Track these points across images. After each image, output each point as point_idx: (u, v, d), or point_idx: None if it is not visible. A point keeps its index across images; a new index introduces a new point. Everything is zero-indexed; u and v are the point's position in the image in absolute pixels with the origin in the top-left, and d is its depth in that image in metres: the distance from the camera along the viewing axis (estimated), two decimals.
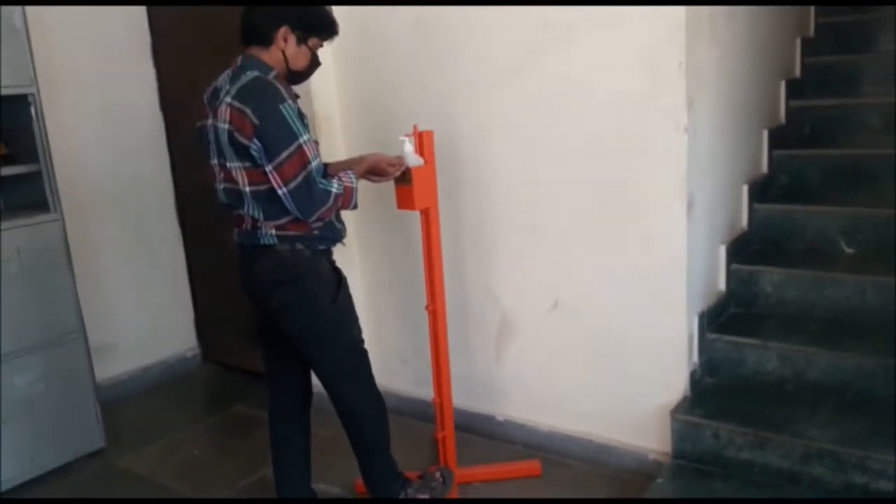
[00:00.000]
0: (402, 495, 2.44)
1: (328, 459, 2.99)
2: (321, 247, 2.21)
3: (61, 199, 2.98)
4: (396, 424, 3.22)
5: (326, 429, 3.22)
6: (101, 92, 3.56)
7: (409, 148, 2.34)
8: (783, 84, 3.36)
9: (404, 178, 2.36)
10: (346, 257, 3.19)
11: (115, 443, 3.22)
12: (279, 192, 2.03)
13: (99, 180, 3.57)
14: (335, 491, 2.77)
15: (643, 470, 2.64)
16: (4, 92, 2.81)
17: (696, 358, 2.59)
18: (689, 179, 2.39)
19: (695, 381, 2.57)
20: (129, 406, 3.61)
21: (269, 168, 2.01)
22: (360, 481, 2.75)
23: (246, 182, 2.08)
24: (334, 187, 2.09)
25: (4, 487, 2.87)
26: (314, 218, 2.10)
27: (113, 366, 3.65)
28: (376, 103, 3.02)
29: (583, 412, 2.79)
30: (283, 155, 1.99)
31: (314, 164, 2.03)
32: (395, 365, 3.30)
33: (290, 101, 2.03)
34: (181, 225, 3.94)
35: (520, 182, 2.73)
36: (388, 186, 2.44)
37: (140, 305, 3.79)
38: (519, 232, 2.78)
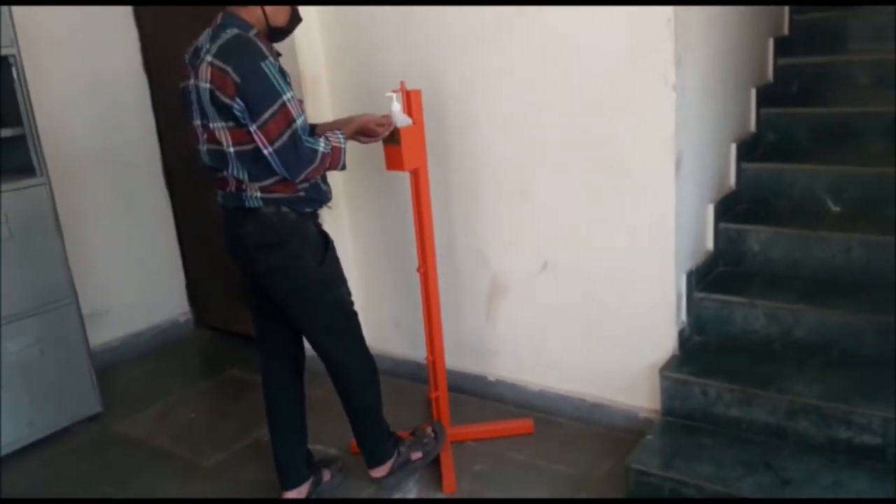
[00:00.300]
0: (394, 454, 2.48)
1: (322, 420, 3.03)
2: (307, 209, 2.20)
3: (47, 164, 2.96)
4: (390, 386, 3.27)
5: (321, 389, 3.28)
6: (83, 53, 3.51)
7: (396, 107, 2.33)
8: (771, 42, 3.35)
9: (392, 139, 2.36)
10: (336, 220, 3.21)
11: (111, 407, 3.25)
12: (265, 151, 2.01)
13: (85, 144, 3.54)
14: (331, 451, 2.81)
15: (634, 427, 2.69)
16: None
17: (684, 317, 2.62)
18: (677, 138, 2.39)
19: (683, 339, 2.61)
20: (124, 371, 3.63)
21: (253, 128, 1.99)
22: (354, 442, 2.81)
23: (230, 142, 2.06)
24: (321, 146, 2.06)
25: (4, 451, 2.90)
26: (301, 178, 2.08)
27: (106, 331, 3.66)
28: (363, 62, 2.99)
29: (573, 372, 2.83)
30: (267, 114, 1.97)
31: (299, 121, 2.02)
32: (388, 328, 3.32)
33: (272, 59, 2.00)
34: (169, 188, 3.92)
35: (507, 142, 2.73)
36: (377, 147, 2.43)
37: (131, 271, 3.79)
38: (508, 193, 2.78)
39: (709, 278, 2.76)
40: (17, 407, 2.93)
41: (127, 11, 3.67)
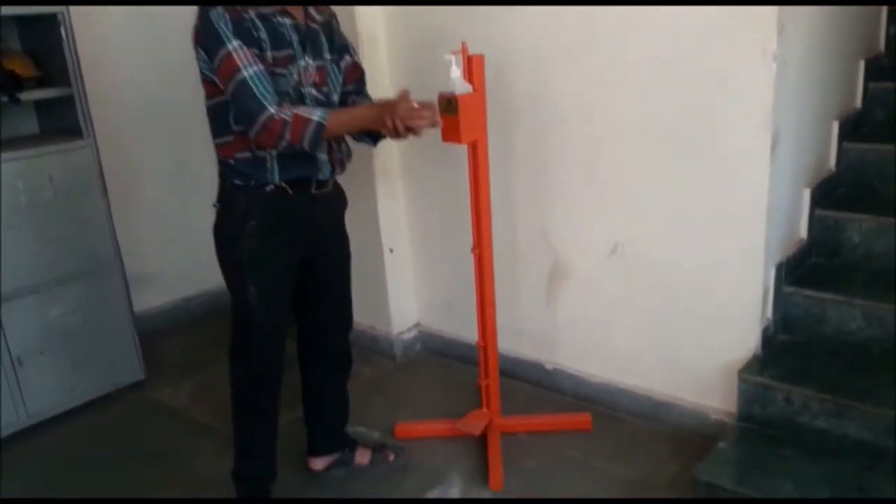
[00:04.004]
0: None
1: (368, 400, 2.88)
2: (236, 181, 2.00)
3: (94, 125, 2.84)
4: (441, 368, 3.12)
5: (371, 368, 3.14)
6: (135, 11, 3.37)
7: (456, 73, 2.10)
8: (884, 10, 2.97)
9: (450, 108, 2.13)
10: (391, 191, 3.02)
11: (154, 375, 3.16)
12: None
13: (135, 104, 3.41)
14: (374, 435, 2.65)
15: (704, 431, 2.44)
16: (33, 11, 2.69)
17: (769, 313, 2.34)
18: (775, 114, 2.10)
19: (767, 338, 2.33)
20: (169, 338, 3.54)
21: (214, 78, 1.92)
22: (401, 425, 2.65)
23: (205, 96, 2.01)
24: (273, 109, 1.84)
25: (46, 416, 2.85)
26: (256, 138, 1.89)
27: (152, 297, 3.58)
28: (426, 22, 2.76)
29: (640, 365, 2.59)
30: (216, 62, 1.88)
31: (247, 72, 1.84)
32: (440, 307, 3.14)
33: (221, 9, 1.86)
34: None
35: (581, 114, 2.46)
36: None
37: (180, 234, 3.67)
38: (578, 169, 2.52)
39: (800, 271, 2.47)
40: (60, 372, 2.87)
41: None
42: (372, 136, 2.14)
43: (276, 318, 2.13)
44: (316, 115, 1.88)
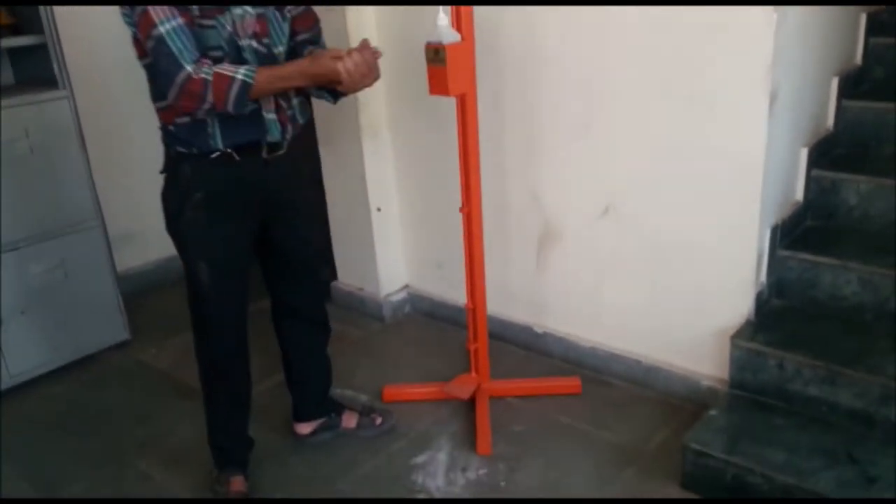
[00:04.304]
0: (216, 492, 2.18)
1: (356, 363, 2.85)
2: (179, 148, 1.85)
3: (71, 76, 2.74)
4: (430, 330, 3.07)
5: (359, 329, 3.09)
6: None
7: (443, 21, 2.01)
8: None
9: (437, 58, 2.05)
10: (378, 146, 2.94)
11: (139, 335, 3.12)
12: None
13: (113, 55, 3.27)
14: (361, 398, 2.61)
15: (694, 397, 2.41)
16: None
17: (763, 278, 2.29)
18: (775, 67, 2.01)
19: (760, 303, 2.28)
20: (154, 298, 3.48)
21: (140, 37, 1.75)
22: (389, 388, 2.61)
23: (136, 56, 1.84)
24: (190, 67, 1.67)
25: (26, 377, 2.81)
26: (175, 102, 1.73)
27: (136, 256, 3.51)
28: None
29: (630, 330, 2.54)
30: (135, 18, 1.71)
31: (163, 28, 1.67)
32: (429, 267, 3.08)
33: None
34: None
35: (573, 68, 2.37)
36: (424, 66, 2.10)
37: None
38: (570, 126, 2.44)
39: (795, 234, 2.41)
40: (42, 332, 2.82)
41: None
42: (331, 92, 1.97)
43: (230, 292, 1.99)
44: (240, 72, 1.70)
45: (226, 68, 1.71)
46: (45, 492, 2.28)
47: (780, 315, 2.30)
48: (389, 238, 3.10)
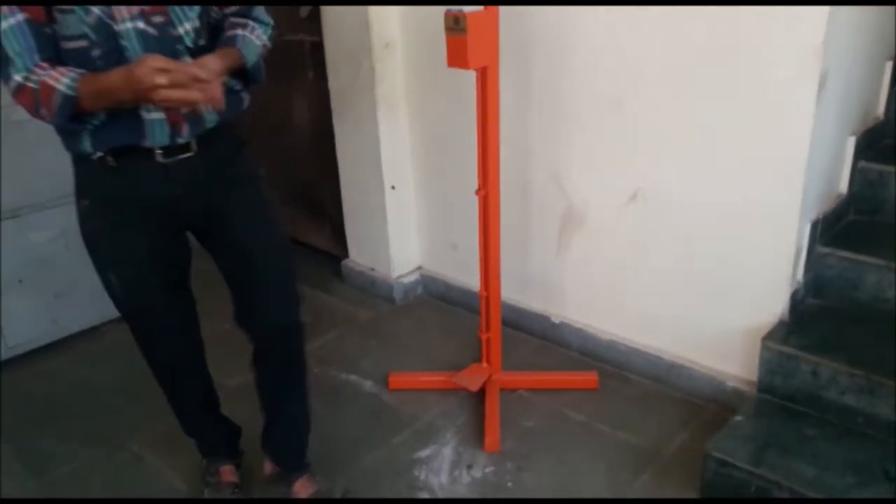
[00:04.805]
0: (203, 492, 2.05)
1: (364, 345, 2.73)
2: (69, 150, 1.59)
3: None
4: (442, 314, 2.94)
5: (368, 311, 2.97)
6: None
7: None
8: None
9: (457, 27, 1.90)
10: (394, 119, 2.79)
11: None
12: None
13: None
14: (367, 385, 2.50)
15: (718, 398, 2.27)
16: None
17: (800, 275, 2.12)
18: (826, 49, 1.83)
19: (795, 301, 2.12)
20: None
21: None
22: (394, 375, 2.49)
23: None
24: (20, 75, 1.40)
25: (24, 349, 2.73)
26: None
27: None
28: None
29: (653, 324, 2.39)
30: None
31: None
32: (443, 249, 2.94)
33: None
34: None
35: (604, 44, 2.20)
36: (444, 36, 1.95)
37: None
38: (599, 105, 2.27)
39: (836, 229, 2.23)
40: (40, 303, 2.73)
41: None
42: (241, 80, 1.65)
43: (148, 310, 1.75)
44: (63, 82, 1.39)
45: (52, 76, 1.40)
46: (36, 472, 2.20)
47: (816, 316, 2.14)
48: (403, 217, 2.96)
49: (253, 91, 1.72)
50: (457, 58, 1.96)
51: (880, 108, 2.40)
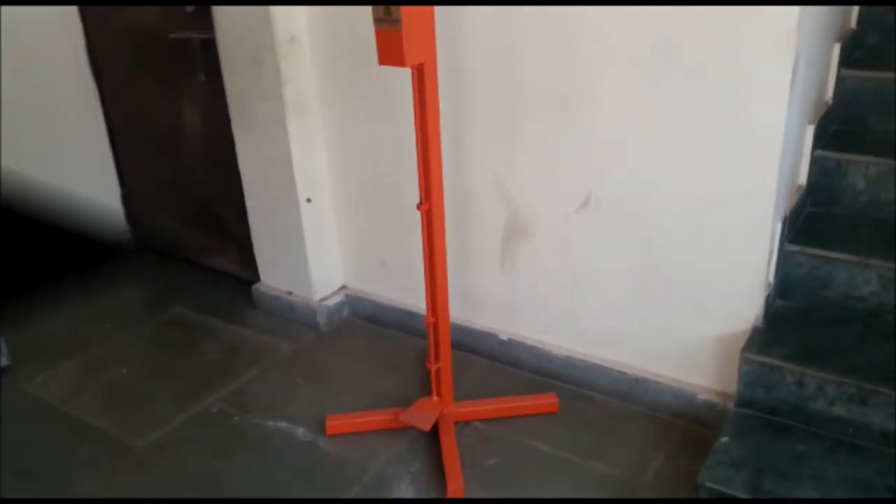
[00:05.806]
0: None
1: (289, 384, 2.40)
2: None
3: None
4: (376, 338, 2.65)
5: (290, 342, 2.63)
6: None
7: None
8: None
9: (390, 18, 1.61)
10: (307, 125, 2.47)
11: (21, 358, 2.57)
12: None
13: None
14: (299, 433, 2.18)
15: (689, 413, 2.10)
16: None
17: (771, 278, 1.97)
18: (799, 32, 1.67)
19: (768, 306, 1.97)
20: (39, 317, 2.90)
21: None
22: (332, 419, 2.19)
23: None
24: None
25: None
26: None
27: None
28: None
29: (612, 336, 2.20)
30: None
31: None
32: (370, 266, 2.65)
33: None
34: (96, 78, 3.10)
35: (550, 33, 1.96)
36: (363, 29, 1.69)
37: (52, 175, 3.03)
38: (545, 101, 2.04)
39: (797, 224, 2.11)
40: None
41: None
42: None
43: None
44: None
45: None
46: None
47: (788, 319, 2.00)
48: (322, 233, 2.64)
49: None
50: (390, 55, 1.67)
51: (829, 94, 2.29)
